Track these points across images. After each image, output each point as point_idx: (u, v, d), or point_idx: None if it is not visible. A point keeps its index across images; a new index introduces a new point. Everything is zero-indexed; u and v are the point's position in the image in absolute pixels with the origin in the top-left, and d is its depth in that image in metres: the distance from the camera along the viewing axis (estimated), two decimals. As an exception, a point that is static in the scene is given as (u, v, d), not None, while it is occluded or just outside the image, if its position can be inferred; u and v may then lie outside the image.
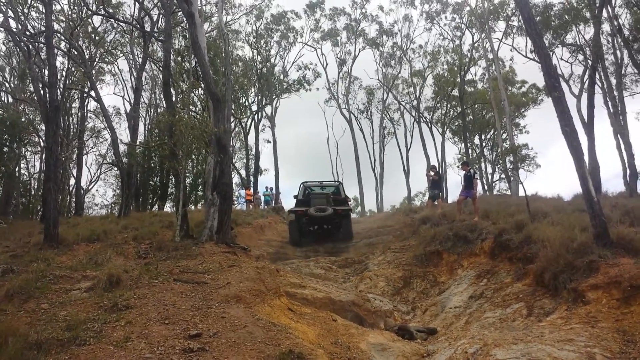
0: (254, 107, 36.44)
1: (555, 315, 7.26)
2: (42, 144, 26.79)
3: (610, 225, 8.43)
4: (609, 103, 22.01)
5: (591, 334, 6.20)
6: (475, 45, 34.57)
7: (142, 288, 7.42)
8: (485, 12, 29.43)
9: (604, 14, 20.79)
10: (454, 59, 37.21)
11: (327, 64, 41.13)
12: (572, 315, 6.96)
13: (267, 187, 33.23)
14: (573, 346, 5.84)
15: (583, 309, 6.97)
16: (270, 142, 37.66)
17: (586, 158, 11.20)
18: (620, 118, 21.16)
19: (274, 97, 36.94)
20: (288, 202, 29.03)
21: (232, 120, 22.16)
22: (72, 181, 30.37)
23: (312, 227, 18.24)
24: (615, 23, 20.95)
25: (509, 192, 28.92)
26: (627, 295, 6.63)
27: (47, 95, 13.98)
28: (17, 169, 28.59)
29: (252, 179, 35.19)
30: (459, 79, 34.99)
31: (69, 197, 30.38)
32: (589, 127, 20.23)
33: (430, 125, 39.90)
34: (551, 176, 65.61)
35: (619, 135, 21.04)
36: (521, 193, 18.65)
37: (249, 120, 36.22)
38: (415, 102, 40.04)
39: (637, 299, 6.51)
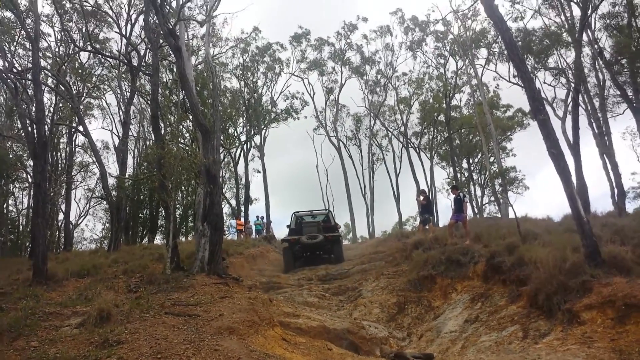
0: (243, 137, 36.60)
1: (551, 337, 7.24)
2: (30, 180, 26.68)
3: (601, 245, 8.49)
4: (594, 124, 22.40)
5: (588, 354, 6.19)
6: (459, 72, 35.18)
7: (134, 322, 7.30)
8: (468, 40, 30.00)
9: (584, 37, 21.30)
10: (439, 85, 37.77)
11: (314, 93, 41.56)
12: (567, 336, 6.95)
13: (258, 217, 33.13)
14: (570, 367, 5.81)
15: (578, 330, 6.96)
16: (259, 171, 37.70)
17: (574, 179, 11.31)
18: (606, 139, 21.50)
19: (263, 126, 37.13)
20: (279, 231, 28.96)
21: (221, 150, 22.18)
22: (61, 216, 30.24)
23: (305, 253, 18.93)
24: (596, 46, 21.46)
25: (499, 215, 29.04)
26: (621, 314, 6.64)
27: (35, 131, 13.93)
28: (5, 206, 28.34)
29: (242, 208, 35.10)
30: (444, 105, 35.45)
31: (57, 233, 30.08)
32: (574, 148, 20.50)
33: (418, 151, 40.25)
34: (540, 198, 66.19)
35: (605, 156, 21.33)
36: (511, 215, 18.75)
37: (238, 150, 36.31)
38: (402, 129, 40.44)
39: (631, 317, 6.52)
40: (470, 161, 40.28)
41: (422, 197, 17.22)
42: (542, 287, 8.11)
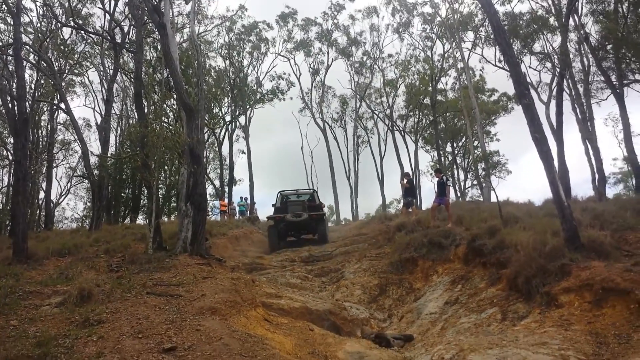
0: (228, 118, 36.25)
1: (529, 319, 7.36)
2: (10, 158, 26.22)
3: (581, 229, 8.60)
4: (577, 110, 22.55)
5: (565, 336, 6.31)
6: (446, 55, 35.10)
7: (115, 302, 7.28)
8: (455, 23, 29.91)
9: (571, 22, 21.33)
10: (425, 68, 37.68)
11: (300, 74, 41.28)
12: (545, 319, 7.07)
13: (241, 198, 32.98)
14: (547, 349, 5.92)
15: (556, 313, 7.08)
16: (244, 152, 37.46)
17: (556, 163, 11.42)
18: (588, 124, 21.68)
19: (248, 107, 36.81)
20: (263, 213, 28.96)
21: (205, 130, 21.97)
22: (42, 195, 29.79)
23: (290, 232, 19.50)
24: (582, 31, 21.49)
25: (481, 198, 29.30)
26: (598, 297, 6.76)
27: (16, 108, 13.67)
28: (-17, 183, 27.88)
29: (226, 189, 34.93)
30: (430, 88, 35.43)
31: (38, 211, 29.67)
32: (558, 133, 20.66)
33: (403, 134, 40.27)
34: (522, 182, 66.88)
35: (587, 141, 21.54)
36: (493, 199, 18.90)
37: (223, 131, 36.01)
38: (388, 111, 40.40)
39: (608, 301, 6.64)
40: (455, 145, 40.46)
41: (405, 180, 17.28)
42: (521, 270, 8.23)
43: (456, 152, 40.47)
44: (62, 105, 22.73)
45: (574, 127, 23.11)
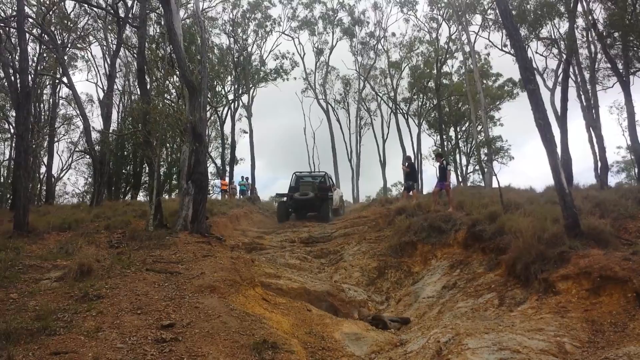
0: (231, 96, 36.08)
1: (526, 305, 7.38)
2: (12, 131, 26.20)
3: (581, 217, 8.59)
4: (582, 97, 22.40)
5: (561, 323, 6.33)
6: (452, 37, 34.75)
7: (114, 278, 7.32)
8: (462, 5, 29.56)
9: (579, 8, 21.07)
10: (430, 50, 37.35)
11: (304, 54, 40.89)
12: (542, 305, 7.09)
13: (242, 177, 32.98)
14: (543, 335, 5.95)
15: (553, 299, 7.10)
16: (246, 132, 37.29)
17: (559, 150, 11.37)
18: (593, 112, 21.55)
19: (251, 85, 36.58)
20: (264, 193, 29.06)
21: (208, 108, 21.91)
22: (43, 169, 29.85)
23: (297, 208, 21.39)
24: (590, 18, 21.25)
25: (482, 184, 29.24)
26: (596, 285, 6.77)
27: (18, 81, 13.57)
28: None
29: (227, 168, 34.90)
30: (435, 71, 35.12)
31: (39, 186, 29.75)
32: (562, 120, 20.55)
33: (406, 117, 40.08)
34: (524, 169, 66.75)
35: (591, 129, 21.43)
36: (495, 184, 18.88)
37: (225, 109, 35.87)
38: (392, 94, 40.16)
39: (606, 289, 6.65)
40: (458, 129, 40.28)
41: (406, 164, 17.26)
42: (520, 256, 8.23)
43: (459, 136, 40.33)
44: (65, 80, 22.65)
45: (579, 114, 23.00)
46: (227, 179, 31.33)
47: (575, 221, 8.27)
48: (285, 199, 21.95)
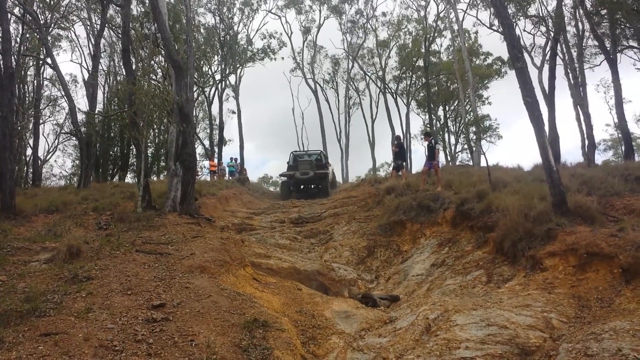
0: (218, 76, 35.73)
1: (514, 282, 7.49)
2: (-5, 113, 25.70)
3: (568, 195, 8.67)
4: (570, 75, 22.50)
5: (548, 299, 6.43)
6: (441, 15, 34.57)
7: (104, 259, 7.30)
8: (451, -18, 29.34)
9: (567, -15, 21.04)
10: (418, 29, 37.17)
11: (291, 33, 40.61)
12: (529, 282, 7.20)
13: (231, 158, 32.81)
14: (530, 311, 6.04)
15: (540, 276, 7.21)
16: (234, 112, 37.05)
17: (547, 129, 11.43)
18: (580, 90, 21.64)
19: (238, 65, 36.24)
20: (254, 175, 29.06)
21: (194, 89, 21.64)
22: (29, 151, 29.44)
23: (299, 185, 23.66)
24: (578, -5, 21.21)
25: (471, 163, 29.40)
26: (583, 262, 6.87)
27: (1, 62, 13.30)
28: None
29: (216, 149, 34.70)
30: (423, 50, 34.99)
31: (26, 168, 29.38)
32: (549, 98, 20.64)
33: (395, 96, 39.99)
34: (513, 148, 67.11)
35: (578, 107, 21.55)
36: (483, 163, 18.98)
37: (213, 90, 35.56)
38: (380, 73, 40.00)
39: (592, 265, 6.76)
40: (447, 109, 40.32)
41: (395, 143, 17.29)
42: (508, 234, 8.33)
43: (448, 115, 40.37)
44: (49, 60, 22.20)
45: (566, 92, 23.08)
46: (215, 160, 31.17)
47: (562, 199, 8.36)
48: (286, 178, 23.77)
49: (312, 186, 24.08)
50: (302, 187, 23.94)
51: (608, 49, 19.81)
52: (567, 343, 5.14)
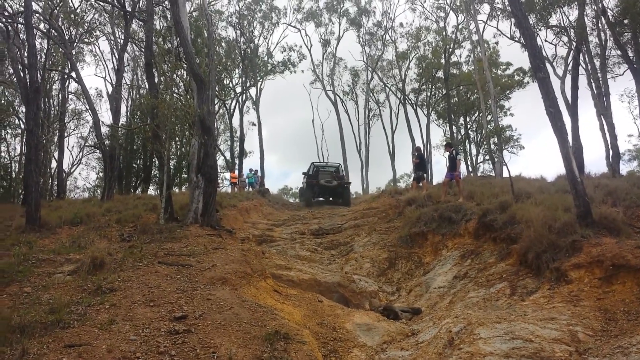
0: (238, 89, 36.09)
1: (538, 295, 7.35)
2: (22, 126, 26.36)
3: (593, 205, 8.53)
4: (593, 85, 22.16)
5: (573, 312, 6.30)
6: (460, 26, 34.48)
7: (127, 271, 7.37)
8: (470, -7, 29.26)
9: (588, -5, 20.84)
10: (437, 40, 37.09)
11: (311, 45, 40.81)
12: (554, 294, 7.06)
13: (251, 170, 32.99)
14: (555, 324, 5.93)
15: (565, 288, 7.07)
16: (255, 124, 37.34)
17: (570, 139, 11.27)
18: (604, 99, 21.33)
19: (259, 78, 36.56)
20: (274, 187, 29.36)
21: (216, 101, 21.92)
22: (54, 164, 30.01)
23: (321, 193, 23.85)
24: (600, 5, 20.98)
25: (493, 173, 29.09)
26: (608, 274, 6.73)
27: (27, 76, 13.64)
28: (-3, 152, 28.11)
29: (236, 161, 34.98)
30: (443, 61, 34.88)
31: (50, 180, 29.96)
32: (572, 108, 20.37)
33: (415, 108, 39.87)
34: (535, 159, 66.27)
35: (602, 117, 21.21)
36: (505, 174, 18.78)
37: (234, 102, 35.90)
38: (400, 84, 39.95)
39: (618, 277, 6.61)
40: (467, 119, 40.05)
41: (415, 155, 17.22)
42: (532, 246, 8.19)
43: (469, 126, 40.08)
44: (73, 74, 22.69)
45: (589, 103, 22.80)
46: (236, 172, 31.39)
47: (587, 210, 8.21)
48: (307, 184, 24.30)
49: (331, 198, 24.34)
50: (320, 197, 24.21)
51: (631, 58, 19.52)
52: (593, 357, 5.04)
